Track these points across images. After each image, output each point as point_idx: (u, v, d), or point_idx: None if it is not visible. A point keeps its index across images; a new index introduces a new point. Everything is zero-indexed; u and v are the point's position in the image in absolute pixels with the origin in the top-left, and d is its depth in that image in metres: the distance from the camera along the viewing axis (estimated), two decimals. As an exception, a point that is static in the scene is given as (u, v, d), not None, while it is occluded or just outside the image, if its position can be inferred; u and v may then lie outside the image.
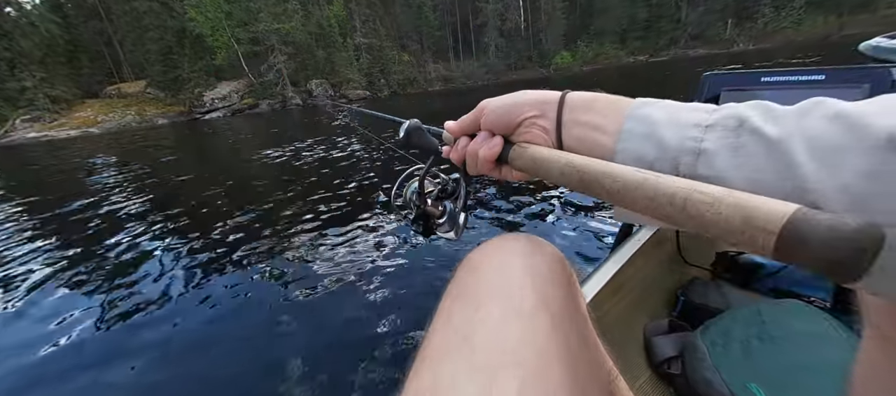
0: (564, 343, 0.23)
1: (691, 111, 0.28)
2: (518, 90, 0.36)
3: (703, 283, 0.96)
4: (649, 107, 0.30)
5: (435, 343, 0.26)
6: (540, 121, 0.36)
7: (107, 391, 1.82)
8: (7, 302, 2.70)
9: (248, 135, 12.81)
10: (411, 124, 0.44)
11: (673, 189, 0.23)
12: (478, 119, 0.41)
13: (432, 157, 0.48)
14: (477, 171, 0.42)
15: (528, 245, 0.31)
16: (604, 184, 0.28)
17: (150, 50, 28.85)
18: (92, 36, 32.76)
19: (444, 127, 0.45)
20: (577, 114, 0.34)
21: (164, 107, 28.89)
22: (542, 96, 0.37)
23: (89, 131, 24.87)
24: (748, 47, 33.23)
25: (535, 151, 0.35)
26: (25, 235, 4.17)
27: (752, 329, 0.69)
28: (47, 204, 5.61)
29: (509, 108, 0.38)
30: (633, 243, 0.89)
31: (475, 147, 0.40)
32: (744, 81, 0.91)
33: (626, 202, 0.26)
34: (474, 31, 42.94)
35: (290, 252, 2.94)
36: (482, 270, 0.29)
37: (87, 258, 3.30)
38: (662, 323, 0.88)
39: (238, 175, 6.22)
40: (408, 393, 0.23)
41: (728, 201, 0.20)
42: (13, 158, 14.57)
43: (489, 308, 0.25)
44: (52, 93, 26.82)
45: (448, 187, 0.52)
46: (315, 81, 31.62)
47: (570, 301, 0.27)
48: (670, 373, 0.76)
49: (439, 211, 0.50)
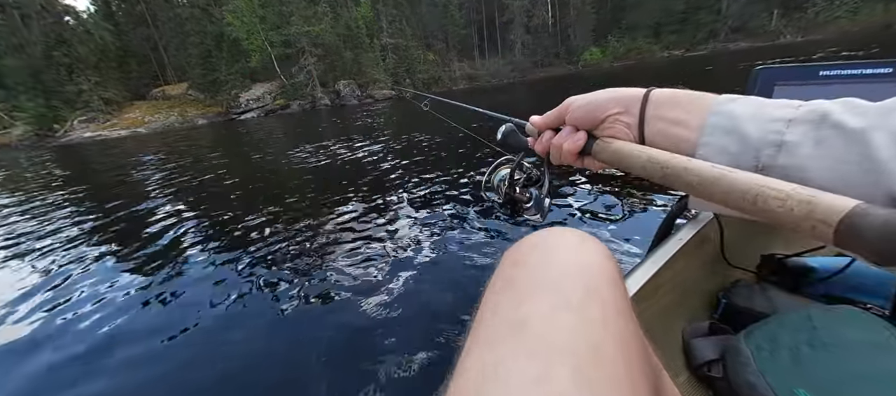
0: (616, 336, 0.24)
1: (776, 107, 0.29)
2: (544, 87, 0.36)
3: (747, 286, 0.93)
4: (734, 103, 0.31)
5: (483, 333, 0.25)
6: (623, 117, 0.38)
7: (128, 367, 1.94)
8: (53, 274, 2.99)
9: (284, 135, 13.30)
10: (507, 127, 0.52)
11: (747, 185, 0.25)
12: (562, 115, 0.44)
13: (523, 153, 0.55)
14: (560, 162, 0.46)
15: (574, 238, 0.31)
16: (684, 179, 0.30)
17: (192, 54, 30.68)
18: (140, 42, 35.23)
19: (529, 120, 0.49)
20: (661, 111, 0.36)
21: (204, 108, 30.62)
22: (626, 93, 0.39)
23: (137, 131, 26.77)
24: (796, 39, 30.92)
25: (618, 146, 0.37)
26: (78, 221, 4.56)
27: (802, 334, 0.65)
28: (101, 195, 6.11)
29: (594, 106, 0.40)
30: (674, 242, 0.87)
31: (560, 140, 0.43)
32: (800, 75, 0.86)
33: (704, 194, 0.28)
34: (500, 29, 42.55)
35: (320, 245, 3.03)
36: (529, 264, 0.29)
37: (134, 245, 3.55)
38: (702, 324, 0.86)
39: (276, 171, 6.49)
40: (462, 372, 0.23)
41: (796, 197, 0.22)
42: (73, 155, 15.89)
43: (538, 300, 0.25)
44: (104, 95, 29.12)
45: (532, 176, 0.59)
46: (343, 82, 32.45)
47: (618, 295, 0.27)
48: (710, 376, 0.74)
49: (526, 197, 0.57)
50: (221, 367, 1.86)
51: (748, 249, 1.04)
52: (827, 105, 0.26)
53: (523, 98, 15.90)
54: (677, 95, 0.36)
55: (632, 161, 0.35)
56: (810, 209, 0.22)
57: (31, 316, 2.55)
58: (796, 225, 0.22)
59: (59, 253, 3.65)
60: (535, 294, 0.26)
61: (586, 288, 0.26)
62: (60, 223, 4.74)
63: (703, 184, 0.28)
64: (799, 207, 0.22)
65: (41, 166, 12.52)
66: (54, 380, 1.93)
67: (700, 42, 36.26)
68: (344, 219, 3.49)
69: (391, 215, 3.50)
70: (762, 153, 0.28)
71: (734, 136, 0.30)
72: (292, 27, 30.08)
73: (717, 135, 0.31)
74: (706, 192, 0.28)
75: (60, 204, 5.85)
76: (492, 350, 0.23)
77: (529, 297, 0.26)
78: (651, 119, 0.36)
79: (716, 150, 0.31)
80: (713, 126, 0.31)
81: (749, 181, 0.25)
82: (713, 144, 0.31)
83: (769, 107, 0.29)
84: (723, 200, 0.27)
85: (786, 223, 0.23)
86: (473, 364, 0.23)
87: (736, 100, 0.32)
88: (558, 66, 41.29)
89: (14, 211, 5.79)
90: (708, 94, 0.34)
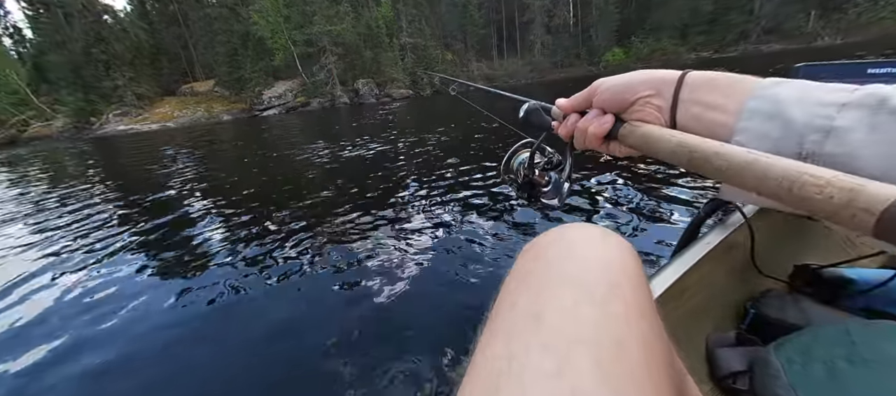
0: (638, 333, 0.23)
1: (828, 91, 0.27)
2: (562, 88, 0.33)
3: (778, 296, 0.88)
4: (779, 86, 0.30)
5: (500, 326, 0.25)
6: (654, 99, 0.37)
7: (145, 349, 2.01)
8: (80, 257, 3.14)
9: (303, 131, 13.57)
10: (530, 105, 0.50)
11: (783, 170, 0.23)
12: (590, 97, 0.42)
13: (544, 133, 0.52)
14: (584, 146, 0.44)
15: (597, 233, 0.30)
16: (713, 163, 0.28)
17: (219, 52, 31.76)
18: (171, 40, 36.71)
19: (555, 103, 0.47)
20: (697, 94, 0.34)
21: (229, 104, 31.65)
22: (659, 75, 0.37)
23: (167, 125, 27.91)
24: (835, 41, 29.30)
25: (646, 130, 0.36)
26: (110, 207, 4.79)
27: (839, 349, 0.60)
28: (132, 185, 6.39)
29: (624, 87, 0.39)
30: (702, 246, 0.83)
31: (585, 123, 0.42)
32: (845, 73, 0.83)
33: (735, 181, 0.27)
34: (520, 29, 42.14)
35: (337, 235, 3.08)
36: (549, 258, 0.29)
37: (159, 233, 3.70)
38: (729, 334, 0.82)
39: (295, 166, 6.62)
40: (478, 365, 0.23)
41: (837, 183, 0.21)
42: (107, 147, 16.73)
43: (559, 293, 0.25)
44: (137, 90, 30.50)
45: (553, 160, 0.57)
46: (362, 81, 32.88)
47: (641, 294, 0.26)
48: (735, 388, 0.70)
49: (545, 180, 0.56)
50: (239, 355, 1.90)
51: (780, 257, 0.99)
52: (887, 89, 0.24)
53: (540, 98, 15.68)
54: (716, 78, 0.34)
55: (660, 146, 0.34)
56: (852, 196, 0.20)
57: (55, 299, 2.67)
58: (834, 215, 0.21)
59: (91, 239, 3.82)
60: (555, 288, 0.26)
61: (609, 284, 0.25)
62: (90, 210, 4.97)
63: (733, 170, 0.26)
64: (840, 195, 0.21)
65: (78, 156, 13.22)
66: (75, 365, 2.01)
67: (730, 43, 34.84)
68: (363, 214, 3.52)
69: (410, 209, 3.52)
70: (807, 139, 0.27)
71: (777, 121, 0.28)
72: (315, 26, 30.69)
73: (757, 120, 0.29)
74: (737, 179, 0.26)
75: (94, 192, 6.14)
76: (508, 344, 0.23)
77: (549, 291, 0.25)
78: (685, 102, 0.35)
79: (755, 136, 0.29)
80: (753, 110, 0.30)
81: (785, 166, 0.24)
82: (752, 129, 0.29)
83: (819, 91, 0.27)
84: (755, 187, 0.25)
85: (823, 212, 0.22)
86: (490, 358, 0.23)
87: (781, 83, 0.30)
88: (578, 67, 40.54)
89: (50, 198, 6.12)
90: (750, 77, 0.32)
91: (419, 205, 3.62)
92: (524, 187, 0.57)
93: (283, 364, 1.80)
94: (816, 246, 1.05)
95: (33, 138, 27.47)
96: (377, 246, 2.83)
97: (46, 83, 30.04)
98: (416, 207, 3.57)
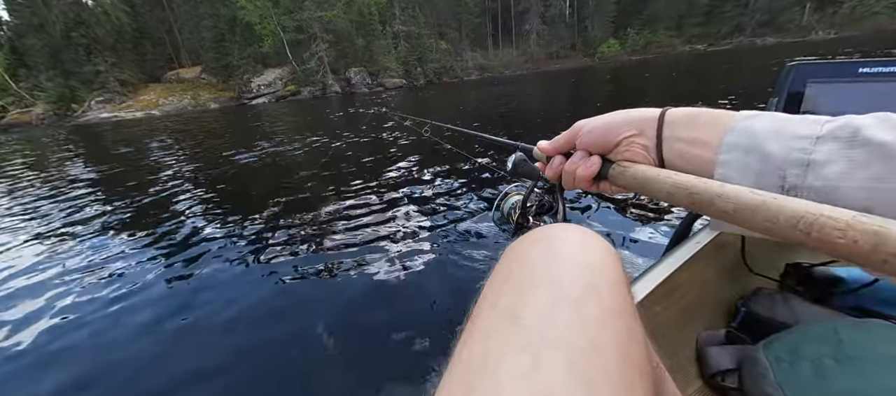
0: (613, 332, 0.24)
1: (799, 123, 0.27)
2: (557, 79, 0.35)
3: (768, 295, 0.88)
4: (752, 119, 0.30)
5: (480, 325, 0.25)
6: (639, 139, 0.36)
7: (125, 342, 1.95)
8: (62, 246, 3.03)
9: (293, 122, 13.24)
10: (517, 157, 0.51)
11: (799, 213, 0.23)
12: (573, 139, 0.42)
13: (533, 183, 0.53)
14: (573, 187, 0.43)
15: (579, 235, 0.31)
16: (718, 206, 0.27)
17: (205, 37, 30.86)
18: (155, 24, 35.54)
19: (537, 146, 0.47)
20: (678, 131, 0.34)
21: (217, 91, 30.90)
22: (639, 115, 0.37)
23: (152, 113, 27.18)
24: (829, 35, 29.42)
25: (637, 171, 0.35)
26: (91, 198, 4.57)
27: (826, 348, 0.62)
28: (114, 176, 6.09)
29: (606, 129, 0.38)
30: (692, 245, 0.85)
31: (572, 166, 0.42)
32: (836, 73, 0.79)
33: (743, 223, 0.26)
34: (515, 18, 41.59)
35: (321, 234, 2.99)
36: (529, 258, 0.29)
37: (142, 224, 3.52)
38: (719, 333, 0.84)
39: (283, 159, 6.37)
40: (458, 360, 0.23)
41: (859, 227, 0.20)
42: (88, 135, 16.15)
43: (537, 293, 0.25)
44: (121, 76, 29.59)
45: (544, 202, 0.57)
46: (353, 69, 32.28)
47: (619, 294, 0.27)
48: (725, 386, 0.72)
49: (540, 225, 0.54)
50: (215, 349, 1.85)
51: (771, 256, 1.01)
52: (858, 120, 0.25)
53: (535, 90, 15.63)
54: (695, 115, 0.34)
55: (655, 187, 0.33)
56: (878, 240, 0.19)
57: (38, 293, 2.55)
58: (863, 259, 0.20)
59: (74, 231, 3.62)
60: (534, 288, 0.26)
61: (586, 285, 0.26)
62: (69, 202, 4.74)
63: (740, 212, 0.26)
64: (864, 239, 0.20)
65: (56, 144, 12.73)
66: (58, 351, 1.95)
67: (725, 36, 34.82)
68: (349, 212, 3.42)
69: (397, 208, 3.43)
70: (788, 172, 0.27)
71: (755, 155, 0.29)
72: (305, 12, 29.93)
73: (736, 154, 0.30)
74: (745, 221, 0.25)
75: (71, 184, 5.85)
76: (486, 342, 0.23)
77: (528, 291, 0.26)
78: (669, 140, 0.35)
79: (736, 169, 0.30)
80: (731, 144, 0.30)
81: (797, 208, 0.23)
82: (733, 163, 0.30)
83: (791, 124, 0.28)
84: (766, 230, 0.24)
85: (849, 257, 0.21)
86: (468, 356, 0.23)
87: (755, 117, 0.30)
88: (574, 58, 40.28)
89: (26, 189, 5.80)
90: (727, 112, 0.32)
91: (409, 204, 3.50)
92: (519, 232, 0.56)
93: (269, 360, 1.75)
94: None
95: (11, 126, 26.53)
96: (368, 240, 2.77)
97: (25, 68, 28.96)
98: (406, 205, 3.46)
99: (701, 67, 16.35)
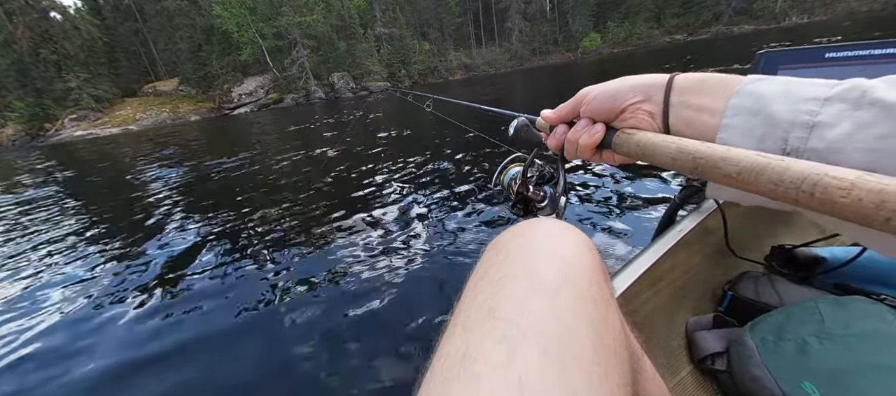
0: (587, 320, 0.24)
1: (809, 86, 0.27)
2: (542, 75, 0.35)
3: (753, 278, 0.89)
4: (761, 82, 0.29)
5: (461, 319, 0.26)
6: (645, 105, 0.36)
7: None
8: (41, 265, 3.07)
9: (276, 132, 12.92)
10: (519, 122, 0.49)
11: (803, 173, 0.23)
12: (577, 107, 0.41)
13: (535, 149, 0.51)
14: (575, 156, 0.43)
15: (555, 227, 0.31)
16: (722, 170, 0.27)
17: (181, 48, 30.04)
18: (128, 36, 34.45)
19: (540, 115, 0.46)
20: (686, 97, 0.33)
21: (196, 103, 30.11)
22: (648, 80, 0.36)
23: (129, 128, 26.34)
24: (802, 21, 30.16)
25: (641, 137, 0.35)
26: (62, 222, 4.29)
27: (809, 327, 0.65)
28: (93, 196, 5.79)
29: (612, 95, 0.38)
30: (675, 233, 0.85)
31: (575, 135, 0.41)
32: (804, 58, 0.83)
33: (746, 186, 0.26)
34: (496, 16, 41.63)
35: (313, 238, 2.99)
36: (509, 252, 0.30)
37: (134, 243, 3.39)
38: (707, 317, 0.86)
39: (268, 170, 6.15)
40: (439, 357, 0.24)
41: (863, 186, 0.20)
42: (62, 155, 15.51)
43: (513, 285, 0.26)
44: (94, 92, 28.61)
45: (545, 173, 0.55)
46: (337, 74, 31.84)
47: (594, 283, 0.27)
48: (714, 370, 0.74)
49: (540, 195, 0.53)
50: (206, 358, 1.86)
51: (756, 240, 1.02)
52: (867, 82, 0.25)
53: (520, 86, 15.64)
54: (704, 80, 0.33)
55: (658, 153, 0.32)
56: (884, 198, 0.19)
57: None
58: (865, 218, 0.20)
59: (51, 251, 3.36)
60: (511, 281, 0.26)
61: (562, 276, 0.26)
62: (44, 225, 4.51)
63: (744, 175, 0.25)
64: (869, 197, 0.20)
65: (28, 166, 12.17)
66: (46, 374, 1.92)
67: (703, 26, 35.36)
68: (340, 216, 3.39)
69: (390, 210, 3.40)
70: (791, 135, 0.26)
71: (760, 117, 0.28)
72: (283, 18, 29.36)
73: (740, 117, 0.29)
74: (749, 184, 0.25)
75: (49, 205, 5.53)
76: (466, 335, 0.24)
77: (506, 284, 0.26)
78: (676, 106, 0.34)
79: (739, 133, 0.29)
80: (736, 107, 0.29)
81: (802, 168, 0.23)
82: (736, 126, 0.29)
83: (801, 86, 0.27)
84: (770, 192, 0.24)
85: (852, 216, 0.21)
86: (448, 349, 0.24)
87: (764, 80, 0.29)
88: (557, 54, 40.50)
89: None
90: (736, 76, 0.32)
91: (401, 204, 3.46)
92: (519, 203, 0.55)
93: (258, 368, 1.75)
94: (791, 225, 1.08)
95: (-20, 148, 25.44)
96: (353, 244, 2.76)
97: (-8, 88, 27.77)
98: (399, 206, 3.43)
99: (679, 57, 16.48)
